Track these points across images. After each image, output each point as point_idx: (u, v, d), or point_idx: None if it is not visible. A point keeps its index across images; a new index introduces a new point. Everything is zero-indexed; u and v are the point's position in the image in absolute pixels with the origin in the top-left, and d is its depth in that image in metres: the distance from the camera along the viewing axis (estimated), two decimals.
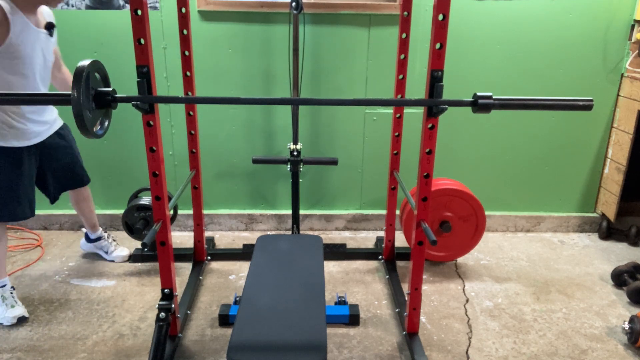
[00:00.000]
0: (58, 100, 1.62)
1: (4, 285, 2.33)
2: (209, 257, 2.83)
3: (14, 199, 2.23)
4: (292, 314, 1.66)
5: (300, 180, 2.92)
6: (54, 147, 2.40)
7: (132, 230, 2.67)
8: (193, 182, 2.58)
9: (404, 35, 2.39)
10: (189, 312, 2.36)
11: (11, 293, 2.34)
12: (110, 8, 2.76)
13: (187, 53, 2.36)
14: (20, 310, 2.30)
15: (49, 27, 2.19)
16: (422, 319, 2.36)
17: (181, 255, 2.77)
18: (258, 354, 1.49)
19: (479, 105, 1.67)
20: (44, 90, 2.25)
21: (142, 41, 1.68)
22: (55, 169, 2.45)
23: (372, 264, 2.86)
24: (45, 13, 2.23)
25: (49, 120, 2.36)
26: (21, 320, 2.29)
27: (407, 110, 2.77)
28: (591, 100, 1.67)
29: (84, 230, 2.87)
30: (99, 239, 2.82)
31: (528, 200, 3.26)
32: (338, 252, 2.90)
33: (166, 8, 2.77)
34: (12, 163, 2.21)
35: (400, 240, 2.93)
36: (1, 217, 2.24)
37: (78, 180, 2.59)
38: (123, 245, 2.89)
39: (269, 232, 3.24)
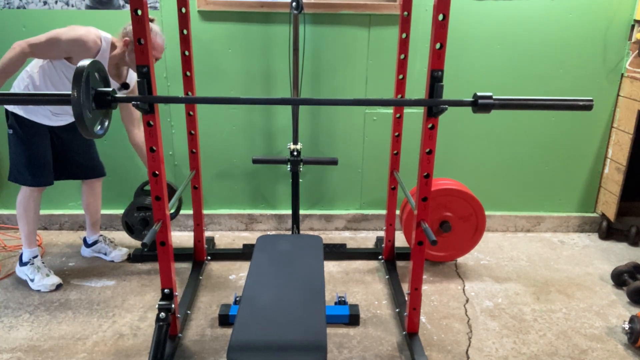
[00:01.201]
0: (58, 100, 1.62)
1: (36, 256, 2.60)
2: (209, 257, 2.83)
3: (38, 167, 2.47)
4: (292, 314, 1.66)
5: (300, 180, 2.92)
6: (76, 132, 2.56)
7: (132, 230, 2.67)
8: (193, 182, 2.58)
9: (404, 35, 2.39)
10: (189, 312, 2.36)
11: (42, 263, 2.61)
12: (110, 8, 2.76)
13: (187, 53, 2.36)
14: (56, 279, 2.56)
15: (124, 86, 2.49)
16: (422, 319, 2.36)
17: (181, 255, 2.77)
18: (258, 354, 1.49)
19: (479, 105, 1.67)
20: None
21: (142, 41, 1.69)
22: (76, 150, 2.63)
23: (372, 264, 2.86)
24: (130, 76, 2.52)
25: (70, 111, 2.49)
26: (57, 287, 2.55)
27: (407, 110, 2.77)
28: (591, 100, 1.67)
29: (81, 236, 2.88)
30: (95, 242, 2.83)
31: (528, 200, 3.26)
32: (338, 252, 2.90)
33: (166, 8, 2.77)
34: (39, 136, 2.45)
35: (400, 240, 2.93)
36: (26, 182, 2.48)
37: (97, 168, 2.75)
38: (123, 245, 2.90)
39: (269, 232, 3.24)
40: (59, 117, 2.47)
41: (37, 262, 2.58)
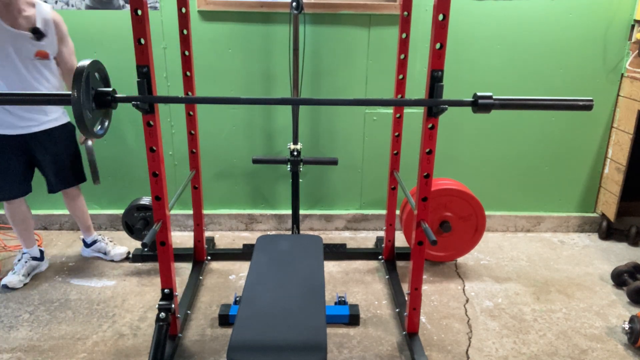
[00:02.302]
0: (58, 100, 1.62)
1: (25, 253, 2.65)
2: (209, 257, 2.83)
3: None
4: (292, 314, 1.66)
5: (300, 180, 2.92)
6: (42, 143, 2.48)
7: (132, 230, 2.67)
8: (193, 182, 2.58)
9: (404, 35, 2.39)
10: (189, 312, 2.36)
11: (25, 263, 2.62)
12: (110, 8, 2.76)
13: (187, 53, 2.36)
14: (10, 280, 2.55)
15: (35, 31, 2.27)
16: (422, 319, 2.36)
17: (181, 255, 2.77)
18: (258, 354, 1.49)
19: (479, 105, 1.67)
20: (19, 89, 2.31)
21: (142, 41, 1.69)
22: (45, 162, 2.52)
23: (372, 264, 2.86)
24: (40, 17, 2.30)
25: (35, 118, 2.42)
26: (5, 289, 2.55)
27: (407, 110, 2.77)
28: (591, 100, 1.67)
29: (81, 237, 2.87)
30: (94, 242, 2.83)
31: (528, 200, 3.26)
32: (338, 252, 2.90)
33: (166, 8, 2.77)
34: None
35: (400, 240, 2.93)
36: None
37: (66, 179, 2.61)
38: (123, 245, 2.89)
39: (269, 232, 3.24)
40: (24, 121, 2.38)
41: (21, 258, 2.63)
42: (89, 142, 2.56)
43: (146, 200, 2.66)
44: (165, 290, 2.02)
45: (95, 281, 2.64)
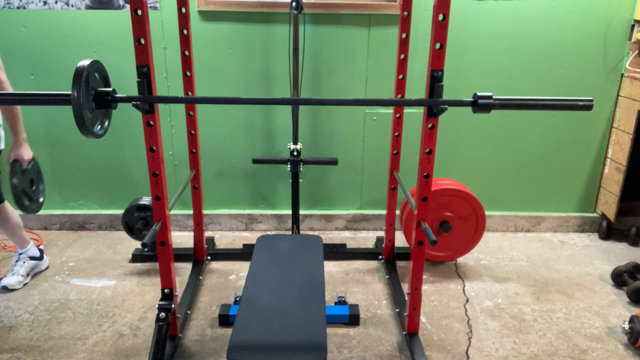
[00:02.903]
0: (58, 100, 1.62)
1: (21, 254, 2.61)
2: (209, 257, 2.83)
3: None
4: (292, 314, 1.66)
5: (300, 180, 2.92)
6: None
7: (132, 230, 2.67)
8: (193, 182, 2.58)
9: (404, 35, 2.39)
10: (189, 312, 2.36)
11: (23, 262, 2.58)
12: (110, 8, 2.76)
13: (187, 53, 2.36)
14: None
15: None
16: (422, 319, 2.36)
17: (181, 255, 2.77)
18: (258, 354, 1.49)
19: (479, 105, 1.67)
20: None
21: (142, 41, 1.69)
22: None
23: (372, 264, 2.86)
24: None
25: None
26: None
27: (407, 110, 2.77)
28: (591, 100, 1.67)
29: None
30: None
31: (528, 200, 3.26)
32: (338, 252, 2.90)
33: (166, 8, 2.77)
34: None
35: (400, 240, 2.93)
36: None
37: None
38: (122, 246, 2.89)
39: (269, 232, 3.24)
40: None
41: (18, 259, 2.60)
42: (18, 163, 2.31)
43: (146, 200, 2.66)
44: (165, 290, 2.02)
45: (95, 281, 2.64)
